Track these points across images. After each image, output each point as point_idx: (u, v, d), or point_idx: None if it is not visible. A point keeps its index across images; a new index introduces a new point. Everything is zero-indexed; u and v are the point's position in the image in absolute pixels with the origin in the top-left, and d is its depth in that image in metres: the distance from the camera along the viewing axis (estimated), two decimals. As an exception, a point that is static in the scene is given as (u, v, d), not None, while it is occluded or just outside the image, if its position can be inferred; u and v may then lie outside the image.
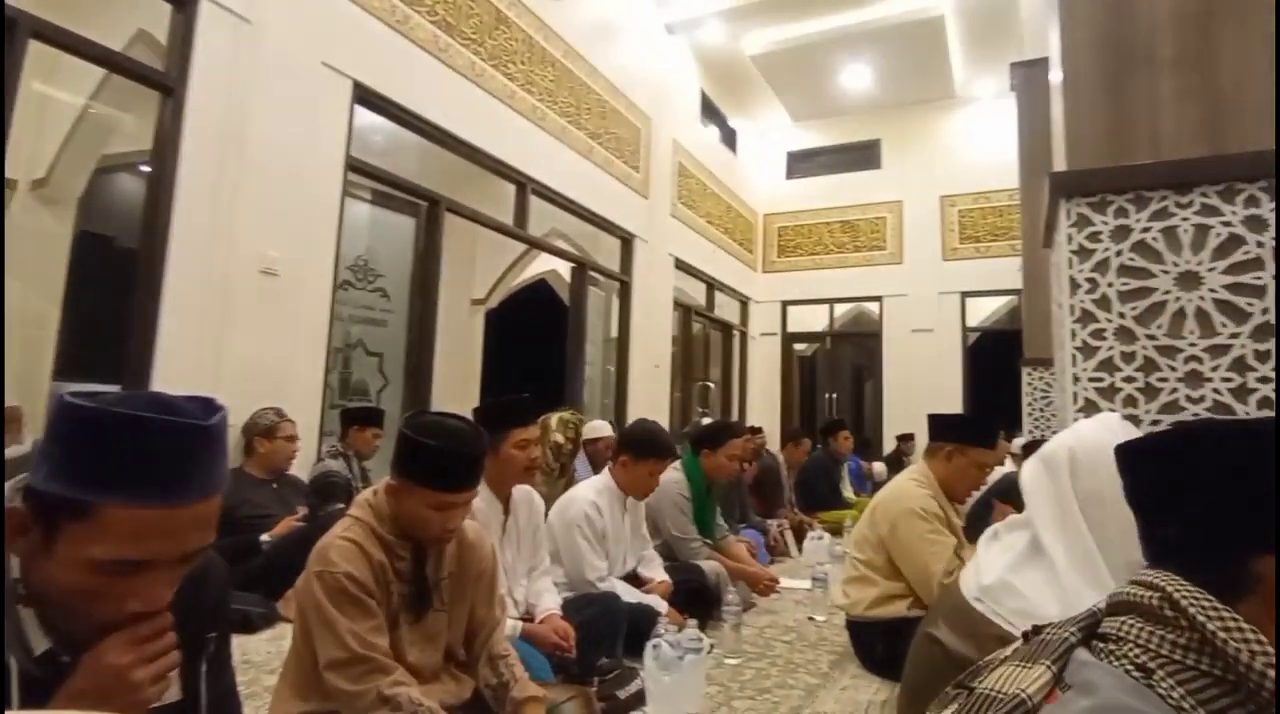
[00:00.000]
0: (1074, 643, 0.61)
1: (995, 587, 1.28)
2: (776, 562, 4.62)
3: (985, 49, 8.70)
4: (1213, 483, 0.59)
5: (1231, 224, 1.83)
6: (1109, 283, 1.89)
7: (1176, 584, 0.57)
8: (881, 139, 10.38)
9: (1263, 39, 1.95)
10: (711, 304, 9.50)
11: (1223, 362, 1.76)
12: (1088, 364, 1.86)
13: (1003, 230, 9.40)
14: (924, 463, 2.71)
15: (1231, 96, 1.96)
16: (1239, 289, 1.79)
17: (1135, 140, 2.03)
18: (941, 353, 9.63)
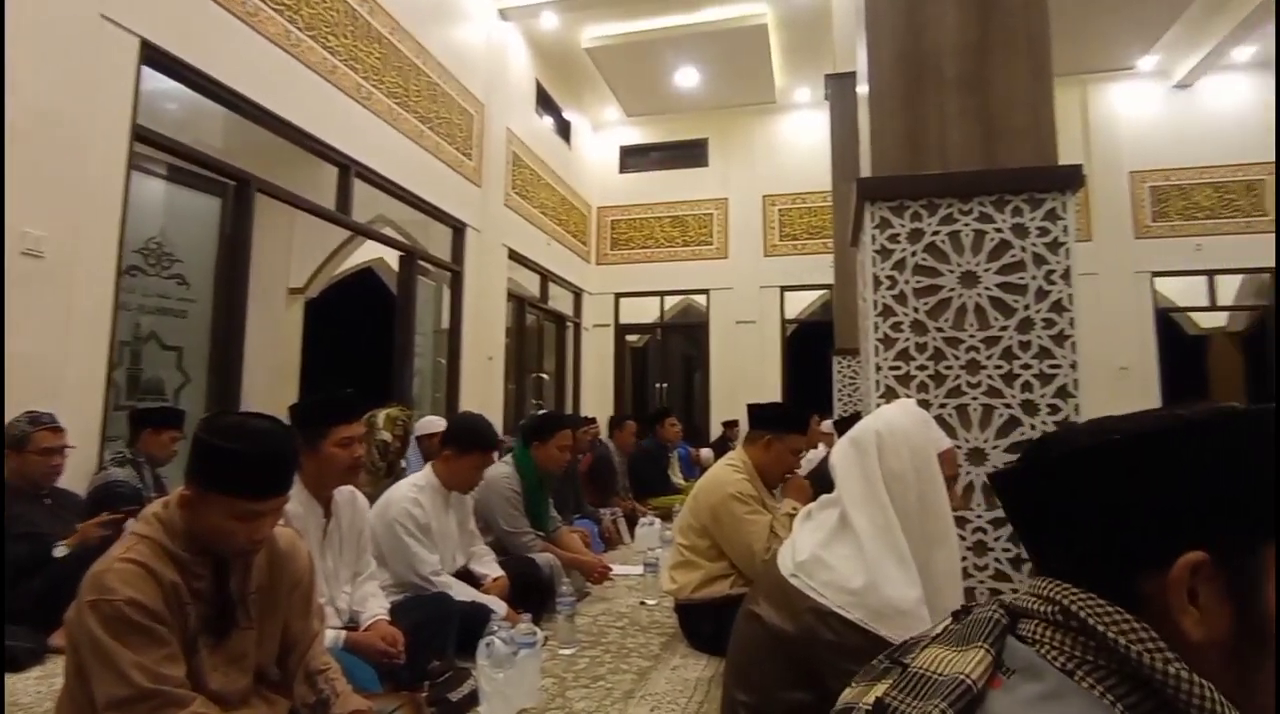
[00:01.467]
0: (1005, 625, 0.58)
1: (808, 562, 1.38)
2: (611, 550, 4.70)
3: (803, 60, 9.30)
4: (1088, 508, 0.57)
5: (1002, 231, 2.08)
6: (906, 280, 2.08)
7: (1070, 594, 0.56)
8: (709, 138, 10.82)
9: (1026, 69, 2.23)
10: (546, 295, 9.45)
11: (995, 351, 2.00)
12: (888, 354, 2.05)
13: (817, 229, 10.13)
14: (741, 449, 2.88)
15: (1002, 118, 2.22)
16: (1008, 287, 2.04)
17: (928, 152, 2.24)
18: (763, 343, 10.25)
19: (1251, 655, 0.53)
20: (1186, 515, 0.54)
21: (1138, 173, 9.58)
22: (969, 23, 2.26)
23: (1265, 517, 0.55)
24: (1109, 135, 9.65)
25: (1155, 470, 0.55)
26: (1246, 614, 0.53)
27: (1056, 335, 1.99)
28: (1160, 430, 0.56)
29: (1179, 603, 0.53)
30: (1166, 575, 0.53)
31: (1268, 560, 0.54)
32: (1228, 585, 0.53)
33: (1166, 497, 0.54)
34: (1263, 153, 9.28)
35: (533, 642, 2.12)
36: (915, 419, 1.43)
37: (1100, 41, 8.80)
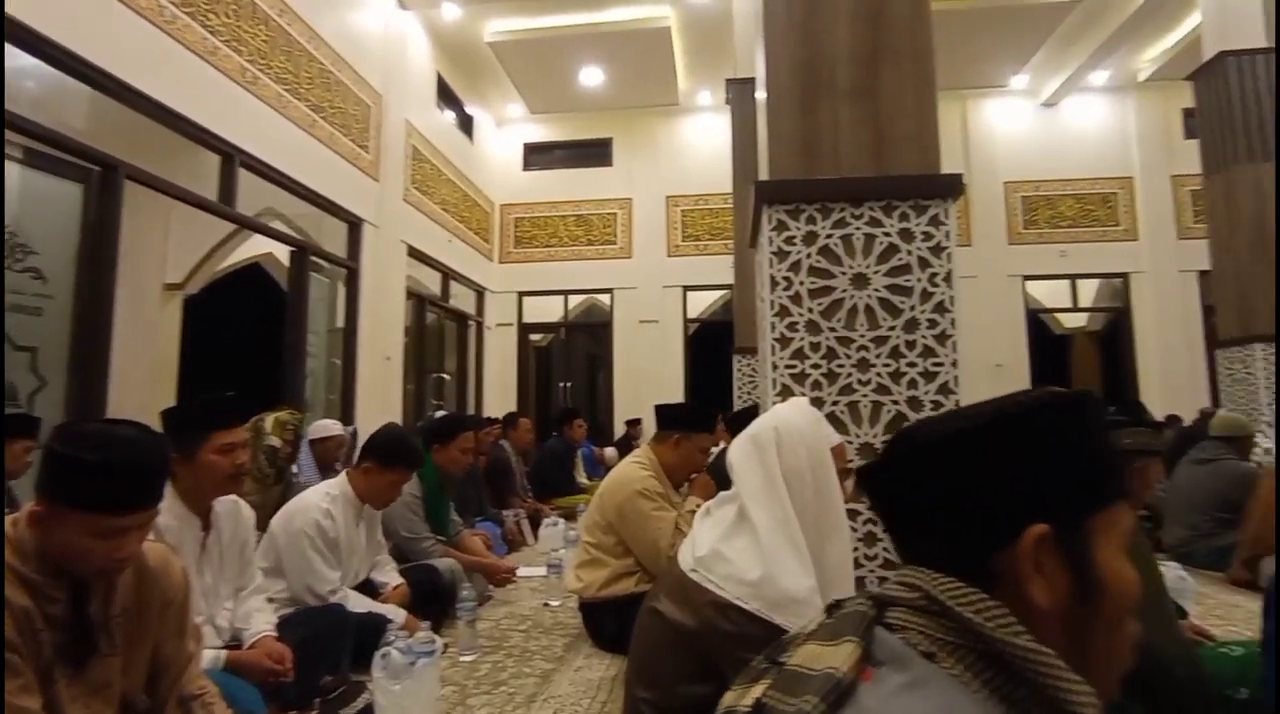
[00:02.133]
0: (873, 617, 0.61)
1: (708, 557, 1.40)
2: (514, 552, 4.63)
3: (705, 63, 9.46)
4: (946, 494, 0.61)
5: (890, 235, 2.18)
6: (801, 281, 2.15)
7: (932, 580, 0.59)
8: (614, 138, 10.85)
9: (912, 81, 2.34)
10: (447, 294, 9.22)
11: (884, 350, 2.09)
12: (784, 353, 2.11)
13: (719, 230, 10.33)
14: (648, 447, 2.90)
15: (890, 127, 2.32)
16: (895, 289, 2.13)
17: (822, 157, 2.32)
18: (666, 342, 10.37)
19: (1087, 618, 0.59)
20: (1030, 492, 0.59)
21: (1011, 183, 10.28)
22: (860, 35, 2.36)
23: (1094, 489, 0.61)
24: (986, 147, 10.31)
25: (1001, 453, 0.60)
26: (1082, 579, 0.58)
27: (939, 335, 2.11)
28: (1003, 416, 0.61)
29: (1028, 572, 0.57)
30: (1016, 550, 0.57)
31: (1096, 528, 0.60)
32: (1066, 554, 0.58)
33: (1012, 476, 0.59)
34: (1116, 168, 10.16)
35: (431, 650, 2.06)
36: (809, 417, 1.48)
37: (978, 60, 9.38)
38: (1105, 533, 0.60)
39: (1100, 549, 0.60)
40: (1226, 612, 3.15)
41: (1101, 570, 0.59)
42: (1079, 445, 0.61)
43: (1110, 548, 0.60)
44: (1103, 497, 0.61)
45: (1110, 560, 0.60)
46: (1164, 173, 10.01)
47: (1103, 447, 0.63)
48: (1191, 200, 9.69)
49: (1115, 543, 0.61)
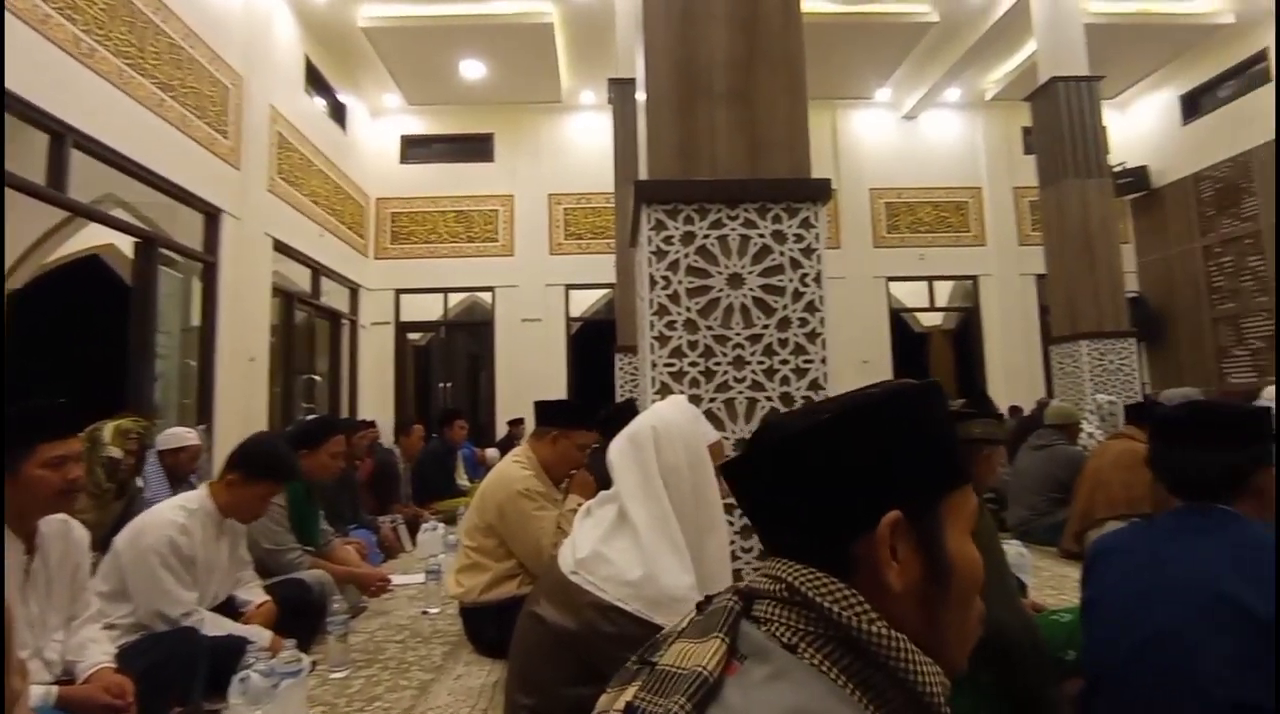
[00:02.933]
0: (738, 612, 0.62)
1: (589, 558, 1.39)
2: (391, 559, 4.45)
3: (588, 62, 9.46)
4: (806, 485, 0.62)
5: (764, 236, 2.25)
6: (679, 281, 2.18)
7: (793, 571, 0.60)
8: (496, 134, 10.65)
9: (785, 88, 2.43)
10: (318, 290, 8.74)
11: (758, 348, 2.16)
12: (663, 351, 2.14)
13: (601, 229, 10.37)
14: (527, 445, 2.85)
15: (764, 132, 2.39)
16: (769, 289, 2.21)
17: (700, 158, 2.36)
18: (548, 341, 10.30)
19: (938, 597, 0.62)
20: (883, 480, 0.61)
21: (876, 189, 10.93)
22: (736, 40, 2.42)
23: (941, 474, 0.64)
24: (854, 155, 10.90)
25: (855, 444, 0.62)
26: (933, 561, 0.61)
27: (809, 333, 2.20)
28: (855, 408, 0.63)
29: (884, 557, 0.60)
30: (873, 537, 0.60)
31: (945, 512, 0.63)
32: (919, 538, 0.61)
33: (866, 466, 0.61)
34: (968, 179, 11.01)
35: (297, 670, 1.94)
36: (686, 414, 1.50)
37: (846, 71, 9.90)
38: (953, 516, 0.64)
39: (949, 532, 0.63)
40: (1059, 582, 3.47)
41: (951, 552, 0.62)
42: (926, 433, 0.64)
43: (957, 530, 0.64)
44: (949, 481, 0.64)
45: (958, 542, 0.63)
46: (1007, 184, 10.94)
47: (947, 434, 0.67)
48: (1030, 210, 10.64)
49: (962, 525, 0.64)
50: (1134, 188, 10.69)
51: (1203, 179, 10.07)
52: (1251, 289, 9.47)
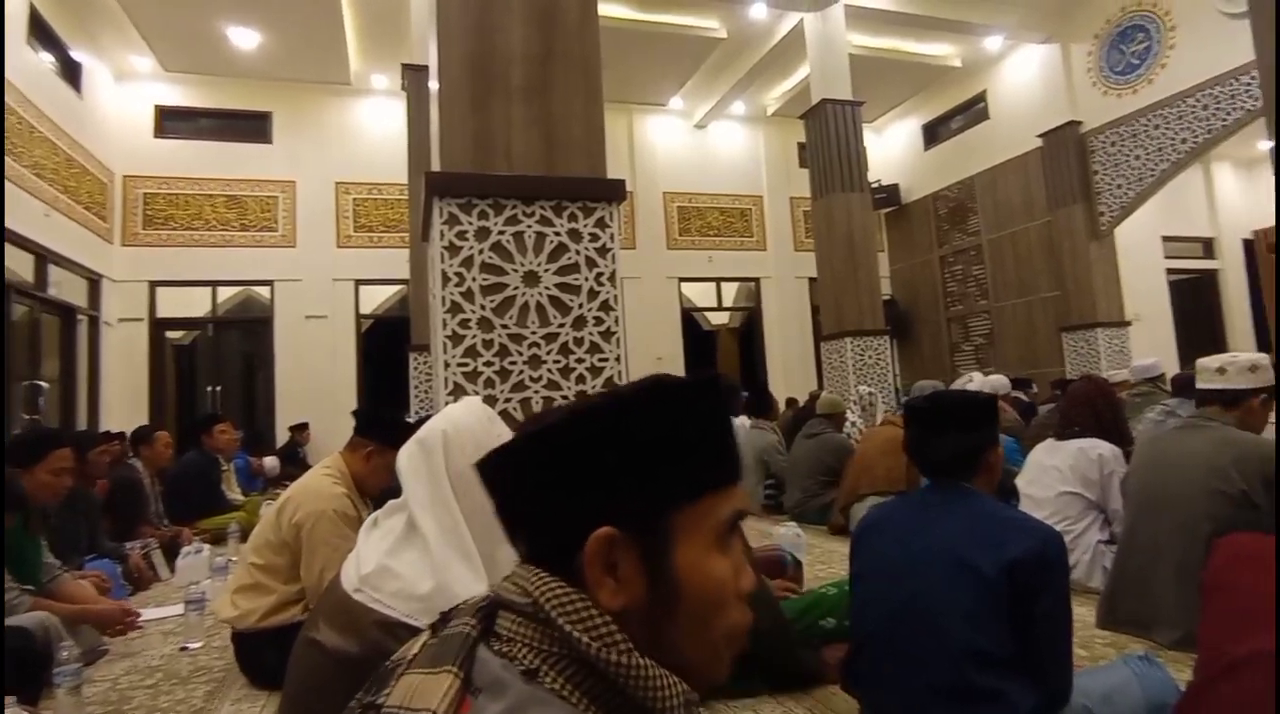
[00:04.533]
0: (475, 638, 0.56)
1: (374, 574, 1.29)
2: (142, 591, 3.89)
3: (380, 45, 8.93)
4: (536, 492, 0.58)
5: (560, 234, 2.24)
6: (474, 277, 2.11)
7: (540, 584, 0.55)
8: (274, 113, 9.71)
9: (582, 88, 2.44)
10: (43, 281, 7.42)
11: (554, 347, 2.15)
12: (456, 351, 2.06)
13: (394, 222, 9.85)
14: (339, 456, 2.55)
15: (561, 130, 2.39)
16: (565, 287, 2.20)
17: (495, 153, 2.30)
18: (336, 339, 9.61)
19: (663, 615, 0.57)
20: (604, 490, 0.56)
21: (669, 193, 11.41)
22: (533, 36, 2.39)
23: (677, 485, 0.58)
24: (649, 159, 11.29)
25: (584, 447, 0.56)
26: (659, 579, 0.56)
27: (605, 332, 2.23)
28: (591, 409, 0.58)
29: (594, 576, 0.55)
30: (583, 553, 0.55)
31: (679, 526, 0.57)
32: (642, 554, 0.56)
33: (587, 474, 0.56)
34: (751, 187, 11.85)
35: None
36: (481, 416, 1.44)
37: (642, 78, 10.23)
38: (690, 530, 0.58)
39: (682, 548, 0.57)
40: (828, 557, 3.84)
41: (680, 570, 0.57)
42: (663, 439, 0.58)
43: (695, 545, 0.58)
44: (687, 492, 0.58)
45: (694, 558, 0.58)
46: (785, 194, 11.92)
47: (694, 440, 0.60)
48: (804, 219, 11.68)
49: (703, 539, 0.59)
50: (888, 203, 12.12)
51: (939, 198, 11.66)
52: (975, 294, 11.12)
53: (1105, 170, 9.05)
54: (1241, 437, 2.43)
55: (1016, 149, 10.16)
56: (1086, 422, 3.16)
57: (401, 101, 8.29)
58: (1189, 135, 8.15)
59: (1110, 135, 9.00)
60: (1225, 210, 10.63)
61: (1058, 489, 3.07)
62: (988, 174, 10.73)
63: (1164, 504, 2.45)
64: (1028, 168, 10.01)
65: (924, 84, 11.19)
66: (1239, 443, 2.38)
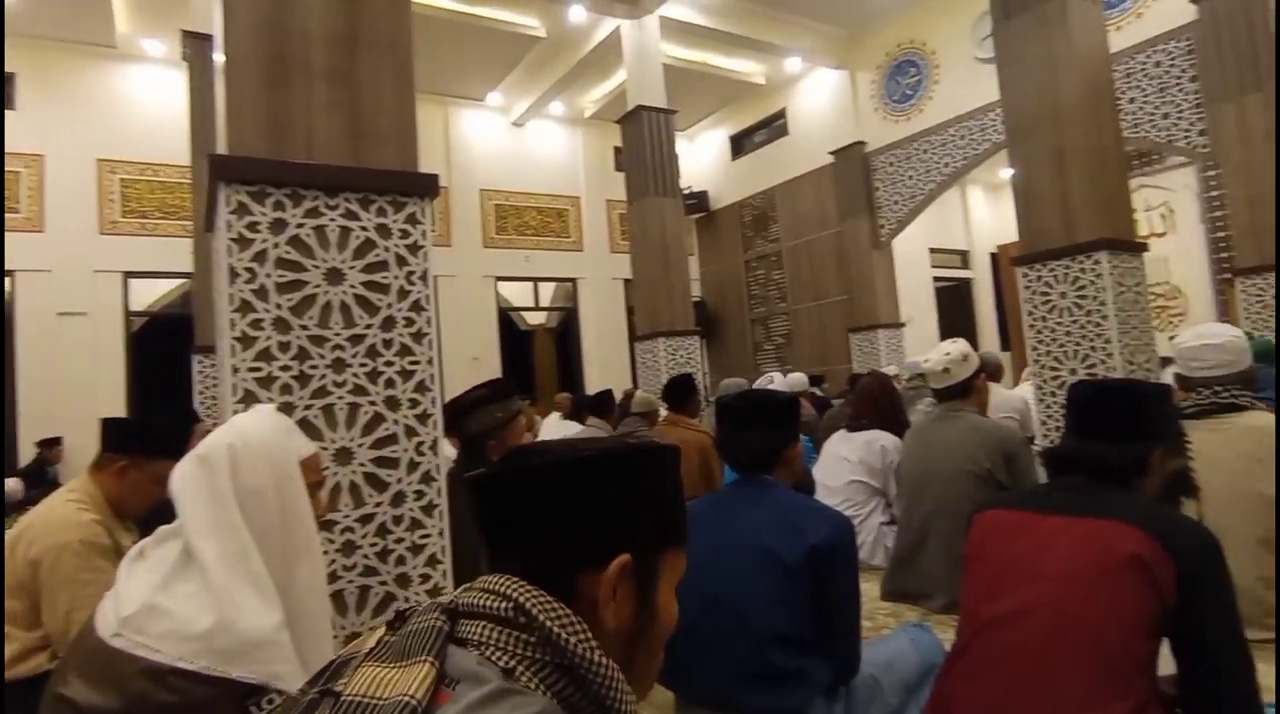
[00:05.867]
0: (447, 630, 0.59)
1: (139, 614, 1.13)
2: None
3: (154, 5, 7.91)
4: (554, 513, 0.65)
5: (368, 229, 2.11)
6: (267, 274, 1.93)
7: (526, 590, 0.61)
8: (18, 74, 8.27)
9: (391, 76, 2.31)
10: None
11: (360, 349, 2.02)
12: (247, 354, 1.87)
13: (174, 208, 8.80)
14: (88, 477, 2.18)
15: (369, 118, 2.24)
16: (372, 286, 2.08)
17: (294, 138, 2.12)
18: (100, 340, 8.38)
19: (640, 639, 0.67)
20: (624, 524, 0.66)
21: (486, 191, 11.19)
22: (336, 13, 2.22)
23: (669, 530, 0.71)
24: (465, 155, 10.99)
25: (612, 485, 0.66)
26: (645, 607, 0.67)
27: (416, 333, 2.13)
28: (619, 453, 0.68)
29: (607, 595, 0.63)
30: (601, 574, 0.64)
31: (664, 565, 0.70)
32: (638, 584, 0.66)
33: (613, 508, 0.66)
34: (568, 188, 11.92)
35: None
36: (274, 427, 1.32)
37: (459, 71, 9.94)
38: (668, 570, 0.70)
39: (663, 583, 0.69)
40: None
41: (659, 602, 0.69)
42: (664, 490, 0.70)
43: (668, 583, 0.70)
44: (674, 538, 0.71)
45: (666, 594, 0.70)
46: (601, 197, 12.11)
47: (678, 495, 0.73)
48: (619, 221, 11.94)
49: (672, 580, 0.71)
50: (698, 208, 12.71)
51: (744, 206, 12.41)
52: (775, 297, 11.97)
53: (885, 187, 10.11)
54: (984, 423, 2.82)
55: (812, 164, 11.06)
56: (873, 414, 3.51)
57: (182, 72, 7.40)
58: (950, 160, 9.33)
59: (889, 156, 10.06)
60: (977, 227, 12.27)
61: (848, 477, 3.39)
62: (787, 186, 11.58)
63: (929, 487, 2.78)
64: (821, 182, 10.93)
65: (732, 98, 11.86)
66: (982, 429, 2.76)
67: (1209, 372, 2.42)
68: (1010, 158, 4.71)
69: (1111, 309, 3.98)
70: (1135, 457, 1.41)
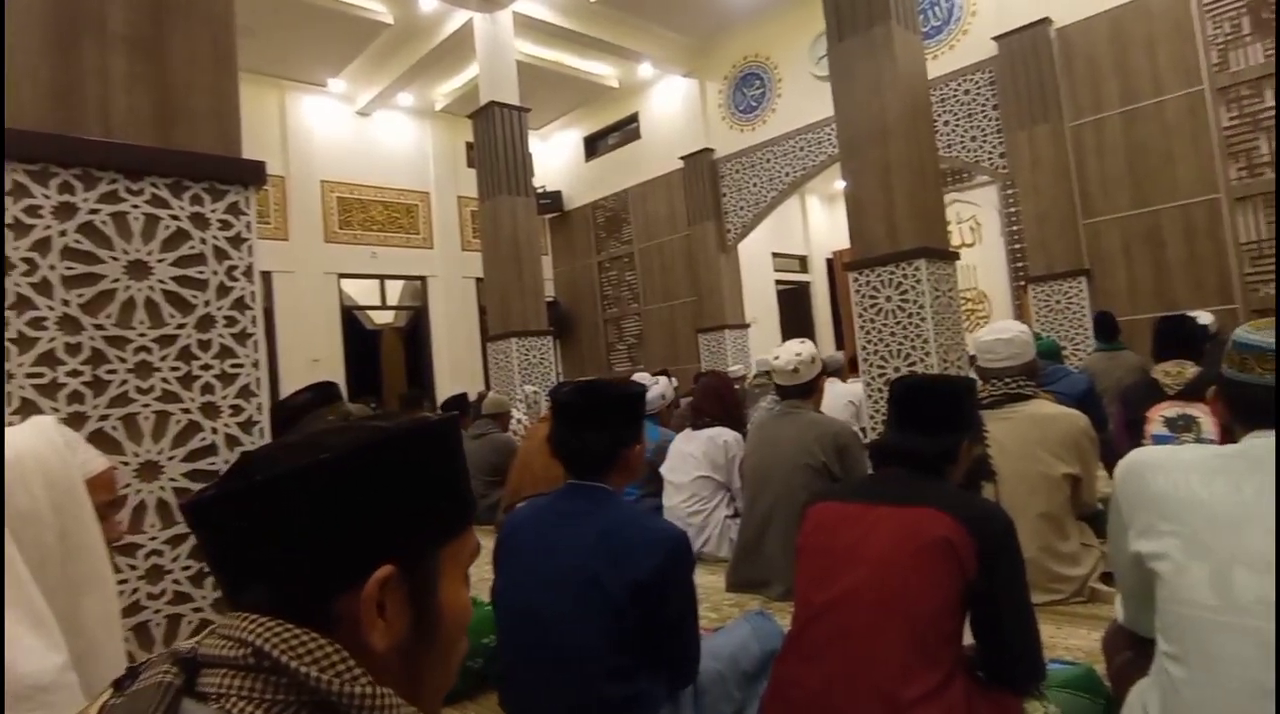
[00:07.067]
0: (178, 686, 0.50)
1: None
2: None
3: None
4: (292, 532, 0.53)
5: (180, 218, 1.91)
6: (51, 265, 1.70)
7: (261, 630, 0.51)
8: None
9: (209, 50, 2.10)
10: None
11: (171, 351, 1.82)
12: (25, 357, 1.63)
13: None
14: None
15: (181, 96, 2.03)
16: (186, 282, 1.88)
17: (85, 112, 1.88)
18: None
19: (422, 649, 0.58)
20: (380, 531, 0.55)
21: (328, 182, 10.52)
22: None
23: (445, 521, 0.61)
24: (305, 143, 10.28)
25: (353, 488, 0.54)
26: (422, 615, 0.58)
27: (239, 333, 1.95)
28: (358, 449, 0.55)
29: (370, 617, 0.54)
30: (359, 593, 0.53)
31: (443, 560, 0.60)
32: (410, 592, 0.57)
33: (366, 513, 0.55)
34: (418, 183, 11.47)
35: None
36: (51, 441, 1.15)
37: (298, 53, 9.28)
38: (452, 562, 0.61)
39: (444, 581, 0.60)
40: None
41: (443, 601, 0.59)
42: (432, 478, 0.59)
43: (454, 577, 0.61)
44: (452, 527, 0.61)
45: (451, 590, 0.60)
46: (453, 193, 11.75)
47: (457, 475, 0.62)
48: (471, 219, 11.65)
49: (459, 570, 0.62)
50: (551, 208, 12.65)
51: (598, 207, 12.50)
52: (628, 298, 12.15)
53: (731, 193, 10.53)
54: (821, 419, 3.00)
55: (663, 168, 11.31)
56: (715, 410, 3.64)
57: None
58: (790, 170, 9.87)
59: (735, 164, 10.49)
60: (815, 234, 13.07)
61: (693, 474, 3.48)
62: (640, 188, 11.78)
63: (771, 480, 2.91)
64: (672, 186, 11.21)
65: (586, 99, 11.89)
66: (818, 424, 2.93)
67: (1001, 363, 2.71)
68: (843, 170, 5.04)
69: (929, 312, 4.37)
70: (947, 447, 1.55)
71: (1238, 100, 6.42)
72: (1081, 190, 7.28)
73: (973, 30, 8.07)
